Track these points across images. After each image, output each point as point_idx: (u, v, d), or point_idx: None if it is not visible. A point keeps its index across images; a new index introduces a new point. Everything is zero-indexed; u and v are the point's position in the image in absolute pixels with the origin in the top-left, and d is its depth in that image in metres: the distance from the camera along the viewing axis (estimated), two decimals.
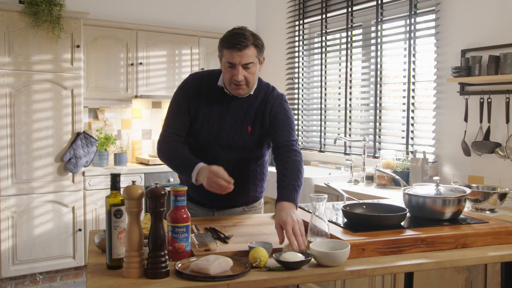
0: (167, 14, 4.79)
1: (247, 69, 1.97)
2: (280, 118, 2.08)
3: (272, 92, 2.14)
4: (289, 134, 2.07)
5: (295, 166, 1.96)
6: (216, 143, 2.07)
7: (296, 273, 1.41)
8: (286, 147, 2.03)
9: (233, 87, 2.01)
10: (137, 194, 1.38)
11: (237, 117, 2.08)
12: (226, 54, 1.95)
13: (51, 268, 3.91)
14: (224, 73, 2.02)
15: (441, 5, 3.18)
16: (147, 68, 4.45)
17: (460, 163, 3.08)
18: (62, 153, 3.91)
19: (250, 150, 2.11)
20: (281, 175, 1.94)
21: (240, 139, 2.07)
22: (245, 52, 1.93)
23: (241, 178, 2.11)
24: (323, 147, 4.30)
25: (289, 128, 2.08)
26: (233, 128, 2.07)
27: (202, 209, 2.18)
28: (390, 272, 1.55)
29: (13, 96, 3.73)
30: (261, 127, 2.09)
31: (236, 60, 1.93)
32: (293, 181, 1.89)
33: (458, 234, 1.69)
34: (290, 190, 1.85)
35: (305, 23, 4.52)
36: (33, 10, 3.68)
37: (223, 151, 2.08)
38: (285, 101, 2.15)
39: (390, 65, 3.72)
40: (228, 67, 1.97)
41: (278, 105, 2.10)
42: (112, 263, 1.44)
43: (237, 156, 2.10)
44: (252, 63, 1.97)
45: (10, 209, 3.73)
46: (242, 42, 1.91)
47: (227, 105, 2.08)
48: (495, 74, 2.76)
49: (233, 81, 1.98)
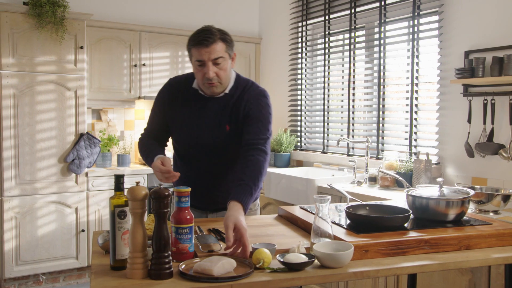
0: (171, 15, 4.79)
1: (217, 65, 1.94)
2: (252, 115, 2.02)
3: (250, 88, 2.08)
4: (258, 132, 1.98)
5: (256, 166, 1.89)
6: (198, 145, 2.07)
7: (300, 275, 1.41)
8: (252, 145, 1.95)
9: (207, 86, 1.98)
10: (141, 195, 1.38)
11: (214, 117, 2.05)
12: (194, 53, 1.93)
13: (54, 268, 3.92)
14: (196, 73, 1.99)
15: (445, 7, 3.17)
16: (150, 69, 4.46)
17: (464, 165, 3.08)
18: (65, 154, 3.92)
19: (231, 151, 2.07)
20: (241, 173, 1.87)
21: (220, 140, 2.05)
22: (213, 48, 1.90)
23: (227, 180, 2.09)
24: (326, 148, 4.30)
25: (260, 125, 2.00)
26: (212, 129, 2.05)
27: (195, 211, 2.16)
28: (393, 273, 1.55)
29: (17, 97, 3.74)
30: (237, 125, 2.05)
31: (204, 57, 1.91)
32: (251, 182, 1.82)
33: (461, 235, 1.69)
34: (245, 192, 1.77)
35: (308, 24, 4.52)
36: (37, 12, 3.70)
37: (206, 153, 2.07)
38: (263, 97, 2.08)
39: (393, 66, 3.71)
40: (199, 66, 1.94)
41: (253, 101, 2.04)
42: (115, 264, 1.44)
43: (221, 157, 2.08)
44: (221, 58, 1.94)
45: (13, 209, 3.74)
46: (209, 37, 1.90)
47: (204, 107, 2.06)
48: (499, 75, 2.75)
49: (205, 79, 1.95)
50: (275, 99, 4.88)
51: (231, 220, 1.56)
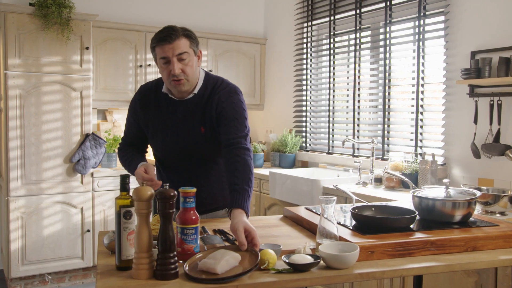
0: (176, 16, 4.80)
1: (182, 60, 1.91)
2: (226, 114, 1.98)
3: (219, 86, 2.05)
4: (236, 130, 1.96)
5: (245, 167, 1.88)
6: (175, 150, 2.06)
7: (305, 275, 1.40)
8: (233, 145, 1.93)
9: (173, 84, 1.94)
10: (146, 195, 1.38)
11: (187, 120, 2.03)
12: (158, 51, 1.91)
13: (59, 268, 3.93)
14: (162, 72, 1.96)
15: (451, 7, 3.16)
16: (156, 70, 4.47)
17: (470, 166, 3.06)
18: (71, 154, 3.93)
19: (210, 151, 2.06)
20: (233, 176, 1.86)
21: (196, 143, 2.03)
22: (176, 43, 1.89)
23: (213, 181, 2.10)
24: (331, 149, 4.29)
25: (236, 124, 1.97)
26: (187, 132, 2.03)
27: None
28: (399, 275, 1.54)
29: (23, 98, 3.76)
30: (211, 125, 2.02)
31: (169, 53, 1.89)
32: (246, 185, 1.82)
33: (468, 237, 1.68)
34: (244, 196, 1.78)
35: (314, 25, 4.52)
36: (43, 13, 3.71)
37: (184, 157, 2.06)
38: (234, 93, 2.04)
39: (399, 67, 3.70)
40: (164, 64, 1.92)
41: (225, 100, 2.00)
42: (121, 264, 1.44)
43: (200, 159, 2.07)
44: (186, 53, 1.91)
45: (19, 209, 3.75)
46: (172, 34, 1.89)
47: (175, 111, 2.04)
48: (506, 76, 2.74)
49: (171, 76, 1.91)
50: (280, 100, 4.90)
51: (240, 225, 1.58)
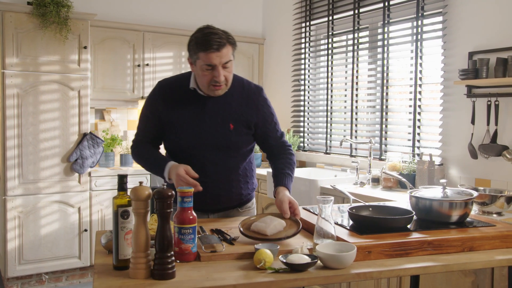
0: (174, 15, 4.80)
1: (225, 68, 1.95)
2: (268, 118, 2.15)
3: (249, 86, 2.13)
4: (277, 132, 2.19)
5: (291, 160, 2.16)
6: (201, 145, 2.06)
7: (302, 275, 1.40)
8: (278, 144, 2.19)
9: (212, 89, 1.97)
10: (144, 195, 1.38)
11: (216, 116, 2.05)
12: (203, 57, 1.92)
13: (57, 268, 3.93)
14: (201, 76, 1.96)
15: (449, 7, 3.17)
16: (154, 69, 4.46)
17: (467, 166, 3.07)
18: (68, 153, 3.92)
19: (237, 148, 2.09)
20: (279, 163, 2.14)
21: (223, 138, 2.05)
22: (223, 52, 1.91)
23: (231, 178, 2.11)
24: (329, 149, 4.29)
25: (277, 126, 2.20)
26: (214, 128, 2.05)
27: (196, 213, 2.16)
28: (396, 275, 1.54)
29: (20, 97, 3.75)
30: (246, 124, 2.08)
31: (216, 61, 1.90)
32: (289, 171, 2.10)
33: (465, 237, 1.68)
34: (287, 178, 2.07)
35: (312, 25, 4.52)
36: (41, 12, 3.71)
37: (209, 153, 2.06)
38: (265, 95, 2.18)
39: (397, 67, 3.71)
40: (207, 70, 1.93)
41: (263, 103, 2.14)
42: (118, 264, 1.44)
43: (225, 157, 2.08)
44: (230, 61, 1.95)
45: (16, 209, 3.75)
46: (220, 42, 1.89)
47: (204, 106, 2.05)
48: (503, 76, 2.75)
49: (213, 82, 1.94)
50: (278, 100, 4.90)
51: (285, 198, 1.92)
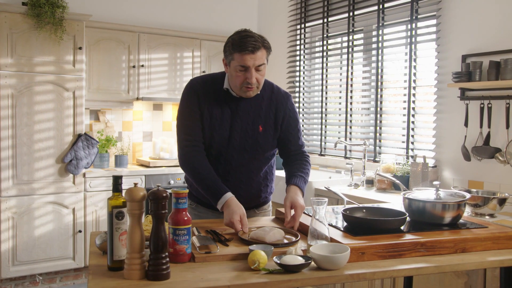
0: (169, 17, 4.80)
1: (258, 71, 1.98)
2: (293, 124, 2.19)
3: (278, 90, 2.19)
4: (298, 140, 2.22)
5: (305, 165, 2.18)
6: (230, 146, 2.08)
7: (296, 276, 1.41)
8: (297, 152, 2.21)
9: (244, 90, 2.01)
10: (139, 196, 1.39)
11: (247, 118, 2.09)
12: (238, 58, 1.94)
13: (51, 269, 3.91)
14: (234, 77, 1.99)
15: (442, 11, 3.19)
16: (149, 70, 4.46)
17: (460, 168, 3.09)
18: (63, 154, 3.92)
19: (263, 151, 2.13)
20: (293, 169, 2.14)
21: (252, 140, 2.09)
22: (258, 55, 1.94)
23: (253, 180, 2.15)
24: (323, 151, 4.31)
25: (299, 134, 2.23)
26: (245, 129, 2.09)
27: (213, 212, 2.18)
28: (389, 276, 1.55)
29: (15, 97, 3.74)
30: (274, 127, 2.13)
31: (250, 63, 1.94)
32: (305, 175, 2.12)
33: (457, 238, 1.70)
34: (301, 180, 2.07)
35: (307, 27, 4.54)
36: (36, 12, 3.70)
37: (237, 154, 2.09)
38: (292, 101, 2.22)
39: (391, 69, 3.73)
40: (240, 71, 1.96)
41: (291, 108, 2.18)
42: (113, 265, 1.44)
43: (250, 158, 2.12)
44: (263, 65, 1.99)
45: (10, 210, 3.73)
46: (255, 45, 1.93)
47: (236, 107, 2.09)
48: (496, 79, 2.77)
49: (245, 84, 1.98)
50: None
51: (288, 200, 1.95)
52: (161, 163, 4.41)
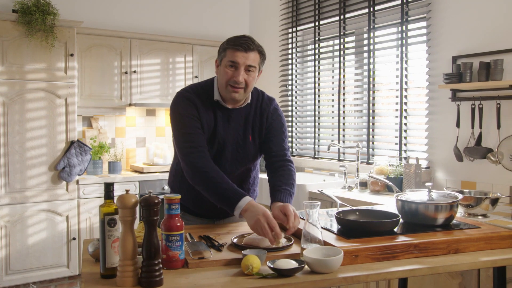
0: (161, 22, 4.80)
1: (248, 72, 1.94)
2: (276, 127, 2.12)
3: (263, 97, 2.14)
4: (282, 143, 2.13)
5: (290, 176, 2.07)
6: (223, 157, 2.05)
7: (290, 280, 1.41)
8: (280, 157, 2.11)
9: (230, 90, 1.94)
10: (130, 203, 1.38)
11: (238, 128, 2.07)
12: (229, 54, 1.92)
13: (45, 277, 3.89)
14: (222, 74, 1.95)
15: (433, 13, 3.21)
16: (141, 76, 4.46)
17: (453, 169, 3.10)
18: (56, 161, 3.90)
19: (254, 159, 2.13)
20: (277, 180, 2.03)
21: (244, 150, 2.08)
22: (250, 55, 1.92)
23: (243, 188, 2.14)
24: (317, 154, 4.31)
25: (283, 137, 2.14)
26: (237, 140, 2.07)
27: (201, 219, 2.17)
28: (383, 278, 1.56)
29: (6, 105, 3.72)
30: (259, 135, 2.11)
31: (240, 60, 1.91)
32: (288, 187, 2.01)
33: (450, 239, 1.70)
34: (286, 194, 1.97)
35: (298, 31, 4.55)
36: (26, 19, 3.69)
37: (229, 164, 2.07)
38: (278, 107, 2.18)
39: (383, 71, 3.74)
40: (229, 67, 1.93)
41: (273, 112, 2.13)
42: (106, 272, 1.43)
43: (241, 167, 2.11)
44: (254, 68, 1.95)
45: (3, 218, 3.71)
46: (249, 44, 1.92)
47: (228, 118, 2.05)
48: (486, 80, 2.79)
49: (231, 82, 1.92)
50: None
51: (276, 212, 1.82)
52: (155, 168, 4.40)
